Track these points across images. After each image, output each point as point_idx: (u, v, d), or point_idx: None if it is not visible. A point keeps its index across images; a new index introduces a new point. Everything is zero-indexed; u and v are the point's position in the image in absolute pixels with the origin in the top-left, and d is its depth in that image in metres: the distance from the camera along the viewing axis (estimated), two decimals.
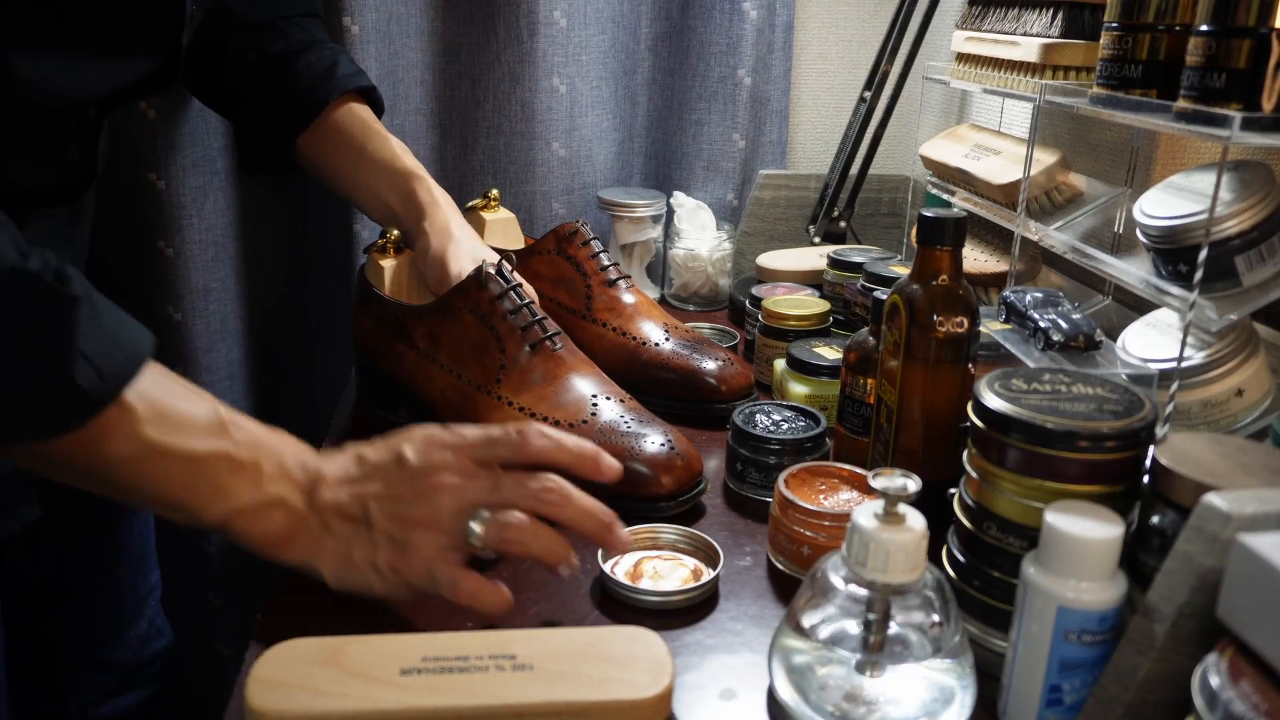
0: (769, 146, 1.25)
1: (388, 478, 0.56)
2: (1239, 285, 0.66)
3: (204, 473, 0.53)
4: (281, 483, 0.55)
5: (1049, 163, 0.89)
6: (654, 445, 0.70)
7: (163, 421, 0.52)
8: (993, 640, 0.54)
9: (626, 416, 0.72)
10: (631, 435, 0.70)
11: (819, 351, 0.84)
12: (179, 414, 0.53)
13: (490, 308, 0.74)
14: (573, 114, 1.16)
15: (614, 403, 0.74)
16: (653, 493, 0.69)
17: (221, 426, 0.54)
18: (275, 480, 0.55)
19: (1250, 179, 0.67)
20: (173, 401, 0.53)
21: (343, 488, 0.56)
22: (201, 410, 0.54)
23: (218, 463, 0.53)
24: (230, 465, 0.54)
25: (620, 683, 0.48)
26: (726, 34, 1.17)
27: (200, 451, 0.53)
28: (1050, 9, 0.86)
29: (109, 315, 0.51)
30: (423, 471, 0.56)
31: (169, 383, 0.54)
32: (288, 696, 0.46)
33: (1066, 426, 0.49)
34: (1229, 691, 0.38)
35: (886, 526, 0.48)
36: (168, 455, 0.52)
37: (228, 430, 0.54)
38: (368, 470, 0.57)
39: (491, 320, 0.74)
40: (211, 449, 0.53)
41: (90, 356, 0.49)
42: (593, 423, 0.71)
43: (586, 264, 0.90)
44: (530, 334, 0.74)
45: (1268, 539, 0.38)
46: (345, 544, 0.56)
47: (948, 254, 0.63)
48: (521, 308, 0.75)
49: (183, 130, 0.98)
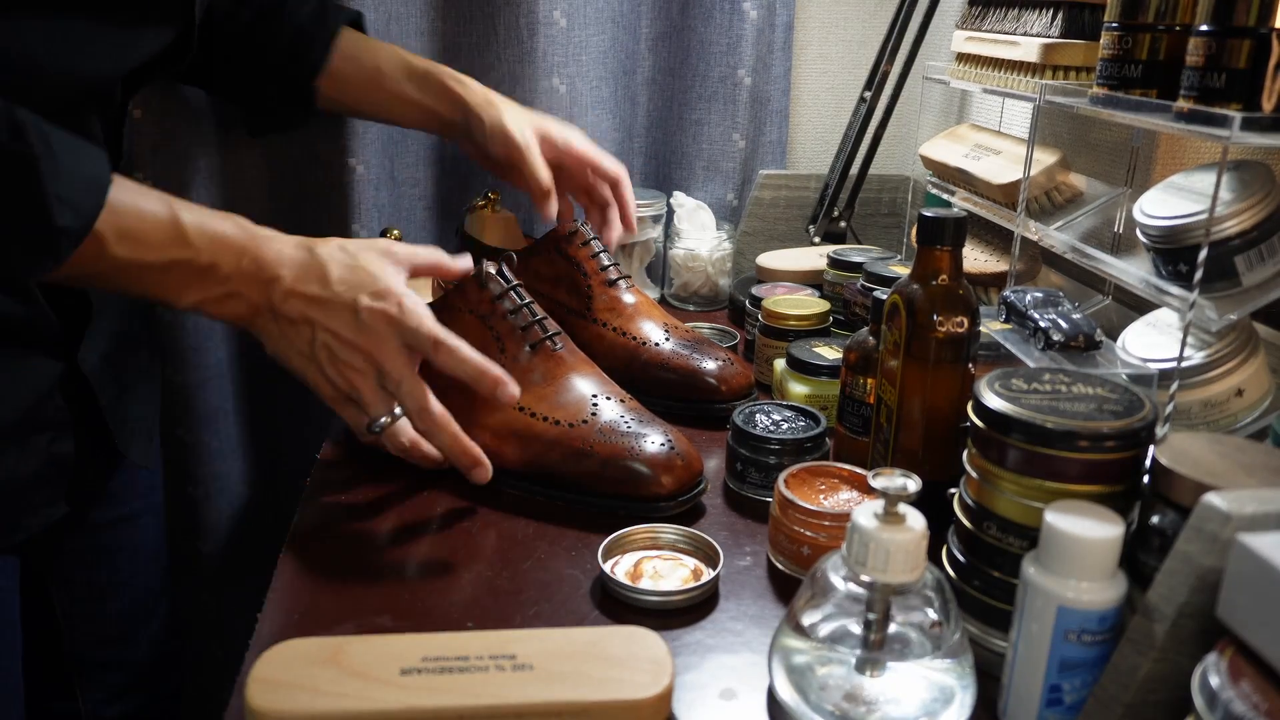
0: (769, 146, 1.25)
1: (336, 319, 0.65)
2: (1239, 285, 0.66)
3: (169, 276, 0.62)
4: (238, 279, 0.64)
5: (1049, 163, 0.89)
6: (654, 445, 0.70)
7: (128, 241, 0.59)
8: (993, 640, 0.54)
9: (627, 416, 0.72)
10: (631, 435, 0.71)
11: (819, 351, 0.84)
12: (140, 231, 0.60)
13: (490, 308, 0.75)
14: (573, 114, 1.16)
15: (614, 402, 0.74)
16: (653, 493, 0.69)
17: (182, 237, 0.62)
18: (233, 277, 0.64)
19: (1250, 179, 0.67)
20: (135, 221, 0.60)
21: (295, 300, 0.65)
22: (162, 223, 0.61)
23: (180, 268, 0.62)
24: (191, 269, 0.62)
25: (620, 683, 0.48)
26: (726, 34, 1.17)
27: (163, 261, 0.61)
28: (1050, 9, 0.86)
29: (66, 153, 0.56)
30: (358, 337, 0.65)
31: (130, 198, 0.60)
32: (288, 696, 0.46)
33: (1066, 426, 0.49)
34: (1229, 691, 0.38)
35: (886, 526, 0.48)
36: (136, 267, 0.60)
37: (188, 239, 0.62)
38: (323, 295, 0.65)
39: (491, 320, 0.75)
40: (173, 258, 0.62)
41: (64, 198, 0.55)
42: (593, 422, 0.71)
43: (586, 264, 0.89)
44: (530, 334, 0.75)
45: (1268, 539, 0.38)
46: (287, 340, 0.66)
47: (948, 254, 0.63)
48: (522, 307, 0.76)
49: (167, 129, 0.98)
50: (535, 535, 0.68)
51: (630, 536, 0.65)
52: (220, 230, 0.63)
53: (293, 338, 0.66)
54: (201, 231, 0.62)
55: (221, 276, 0.63)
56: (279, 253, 0.65)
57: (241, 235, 0.64)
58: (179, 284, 0.63)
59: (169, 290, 0.63)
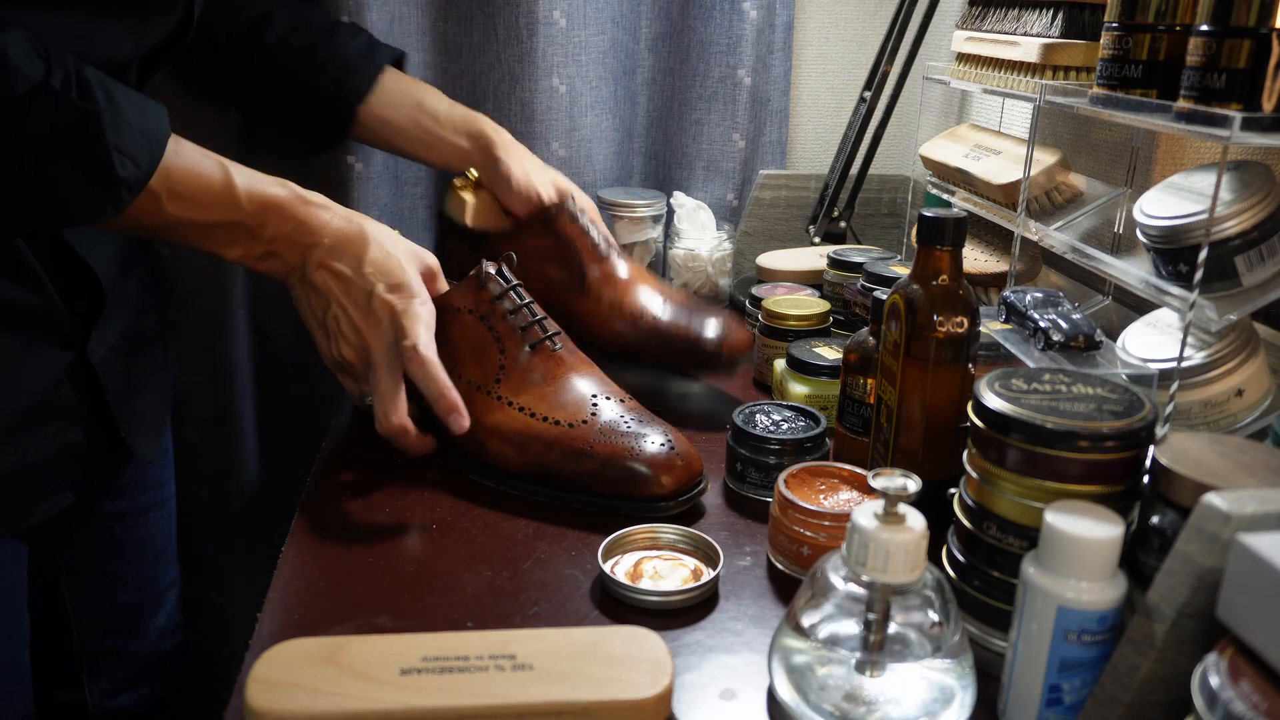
0: (769, 146, 1.25)
1: (351, 298, 0.71)
2: (1239, 285, 0.66)
3: (216, 232, 0.68)
4: (280, 242, 0.70)
5: (1049, 163, 0.89)
6: (654, 445, 0.70)
7: (181, 200, 0.64)
8: (993, 640, 0.54)
9: (626, 416, 0.72)
10: (631, 435, 0.71)
11: (819, 351, 0.84)
12: (196, 192, 0.65)
13: (490, 308, 0.75)
14: (572, 114, 1.16)
15: (614, 402, 0.74)
16: (653, 493, 0.69)
17: (233, 199, 0.67)
18: (276, 239, 0.70)
19: (1250, 179, 0.67)
20: (190, 181, 0.65)
21: (322, 272, 0.71)
22: (215, 186, 0.66)
23: (228, 228, 0.68)
24: (238, 228, 0.68)
25: (620, 683, 0.48)
26: (726, 34, 1.17)
27: (214, 221, 0.67)
28: (1050, 9, 0.86)
29: (129, 107, 0.61)
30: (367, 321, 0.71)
31: (187, 159, 0.65)
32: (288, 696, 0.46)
33: (1066, 426, 0.49)
34: (1229, 691, 0.38)
35: (886, 526, 0.48)
36: (188, 224, 0.66)
37: (238, 202, 0.67)
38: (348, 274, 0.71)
39: (491, 320, 0.75)
40: (223, 219, 0.67)
41: (125, 150, 0.60)
42: (592, 422, 0.71)
43: (577, 240, 0.89)
44: (530, 334, 0.75)
45: (1268, 539, 0.38)
46: (307, 302, 0.73)
47: (948, 254, 0.63)
48: (521, 307, 0.76)
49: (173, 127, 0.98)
50: (535, 535, 0.68)
51: (630, 536, 0.65)
52: (270, 194, 0.69)
53: (313, 303, 0.73)
54: (251, 195, 0.67)
55: (266, 237, 0.69)
56: (324, 223, 0.71)
57: (291, 201, 0.70)
58: (226, 240, 0.68)
59: (217, 245, 0.69)
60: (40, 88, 0.57)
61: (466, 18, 1.11)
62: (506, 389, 0.73)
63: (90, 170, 0.59)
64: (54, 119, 0.58)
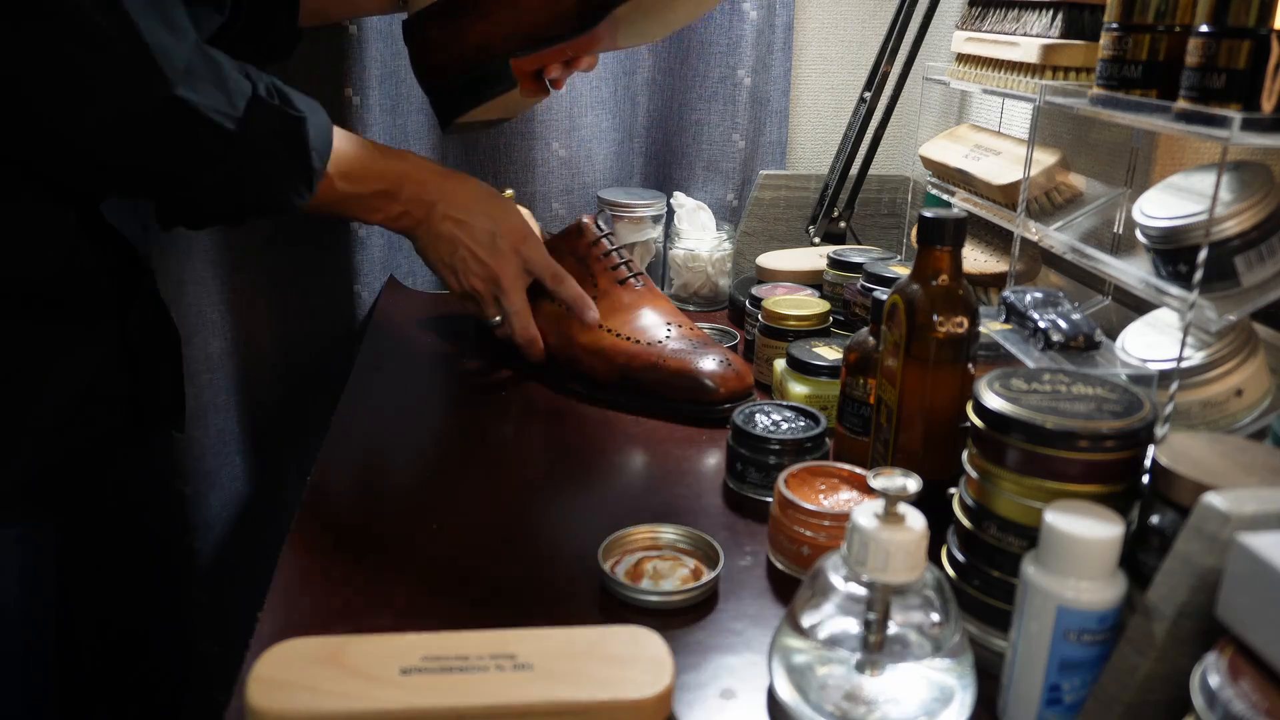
0: (769, 147, 1.25)
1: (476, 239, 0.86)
2: (1239, 285, 0.66)
3: (369, 202, 0.82)
4: (410, 203, 0.84)
5: (1049, 163, 0.89)
6: (714, 362, 0.86)
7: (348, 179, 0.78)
8: (993, 640, 0.54)
9: (693, 340, 0.90)
10: (696, 353, 0.87)
11: (819, 351, 0.84)
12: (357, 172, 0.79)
13: (586, 251, 0.94)
14: (572, 114, 1.16)
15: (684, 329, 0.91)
16: (712, 398, 0.85)
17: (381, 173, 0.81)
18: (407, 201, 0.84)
19: (1250, 179, 0.67)
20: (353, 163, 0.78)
21: (448, 222, 0.85)
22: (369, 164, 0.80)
23: (377, 197, 0.82)
24: (384, 196, 0.82)
25: (620, 683, 0.48)
26: (726, 34, 1.17)
27: (369, 192, 0.81)
28: (1050, 10, 0.86)
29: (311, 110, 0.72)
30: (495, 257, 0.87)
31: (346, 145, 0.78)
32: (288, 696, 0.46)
33: (1066, 426, 0.49)
34: (1228, 691, 0.38)
35: (886, 526, 0.48)
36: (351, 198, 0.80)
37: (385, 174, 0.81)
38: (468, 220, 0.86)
39: (588, 261, 0.93)
40: (375, 189, 0.81)
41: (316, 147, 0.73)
42: (666, 343, 0.89)
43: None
44: (618, 273, 0.94)
45: (1267, 539, 0.38)
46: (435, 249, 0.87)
47: (948, 254, 0.63)
48: (610, 252, 0.94)
49: None
50: (535, 535, 0.68)
51: (630, 536, 0.65)
52: (402, 168, 0.83)
53: (440, 249, 0.86)
54: (390, 167, 0.82)
55: (402, 200, 0.83)
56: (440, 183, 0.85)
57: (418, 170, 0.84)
58: (374, 207, 0.82)
59: (367, 211, 0.83)
60: (255, 100, 0.67)
61: None
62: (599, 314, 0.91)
63: (295, 165, 0.72)
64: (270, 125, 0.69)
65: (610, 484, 0.76)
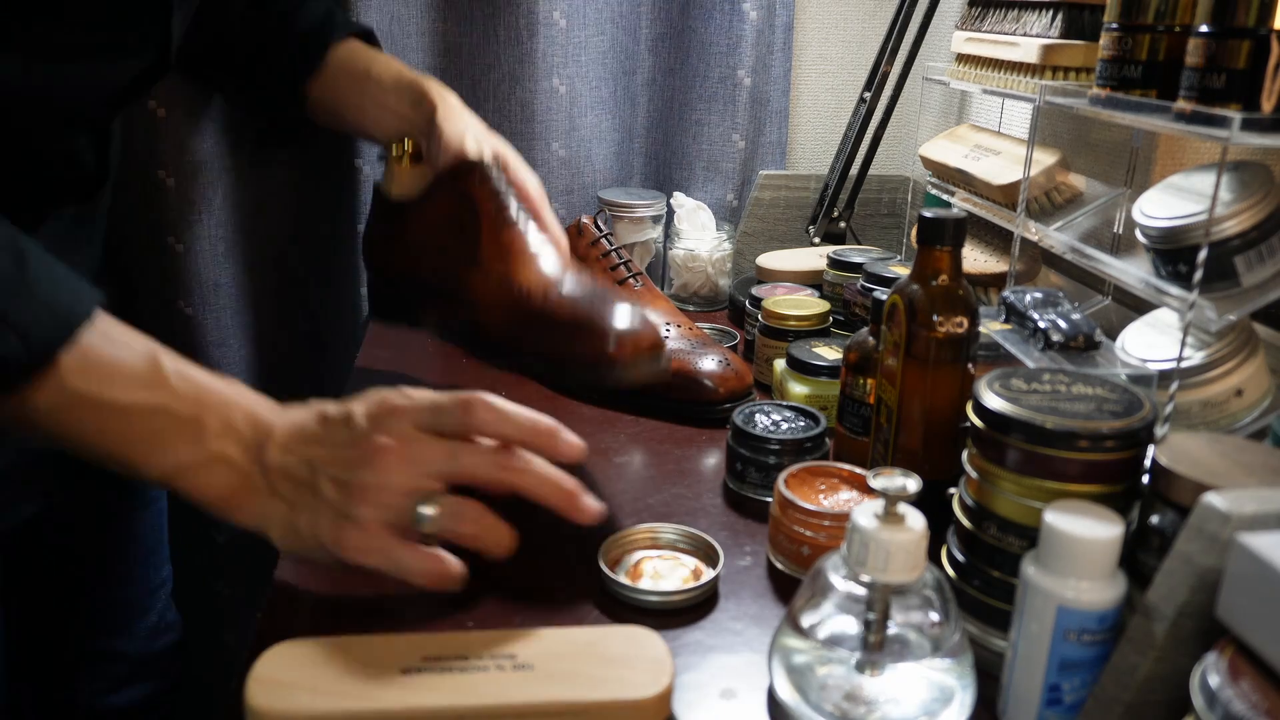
0: (769, 147, 1.25)
1: (336, 440, 0.54)
2: (1238, 285, 0.66)
3: (137, 425, 0.51)
4: (225, 439, 0.53)
5: (1049, 163, 0.89)
6: (713, 363, 0.86)
7: (90, 372, 0.50)
8: (993, 640, 0.54)
9: (692, 340, 0.89)
10: (696, 354, 0.86)
11: (819, 351, 0.84)
12: (110, 364, 0.51)
13: (586, 250, 0.92)
14: (572, 114, 1.16)
15: (682, 329, 0.90)
16: (712, 398, 0.84)
17: (160, 378, 0.52)
18: (219, 436, 0.52)
19: (1250, 179, 0.67)
20: (107, 352, 0.51)
21: (291, 448, 0.54)
22: (138, 361, 0.52)
23: (153, 416, 0.51)
24: (168, 419, 0.51)
25: (620, 683, 0.48)
26: (726, 34, 1.17)
27: (130, 403, 0.51)
28: (1050, 10, 0.86)
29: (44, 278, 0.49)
30: (370, 435, 0.53)
31: (109, 332, 0.51)
32: (288, 696, 0.46)
33: (1066, 426, 0.49)
34: (1228, 691, 0.38)
35: (886, 526, 0.48)
36: (95, 406, 0.50)
37: (167, 382, 0.52)
38: (319, 431, 0.54)
39: (586, 261, 0.91)
40: (144, 401, 0.51)
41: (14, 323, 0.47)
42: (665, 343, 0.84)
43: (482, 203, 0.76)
44: (616, 273, 0.92)
45: (1267, 539, 0.38)
46: (291, 510, 0.53)
47: (948, 254, 0.63)
48: (610, 252, 0.93)
49: (191, 128, 0.98)
50: (535, 535, 0.68)
51: (630, 536, 0.65)
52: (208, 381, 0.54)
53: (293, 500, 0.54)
54: (184, 376, 0.53)
55: (204, 434, 0.52)
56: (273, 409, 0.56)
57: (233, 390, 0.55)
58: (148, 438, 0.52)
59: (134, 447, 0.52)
60: None
61: (466, 18, 1.11)
62: None
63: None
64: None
65: (610, 484, 0.76)
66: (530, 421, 0.56)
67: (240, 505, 0.54)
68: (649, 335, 0.68)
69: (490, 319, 0.70)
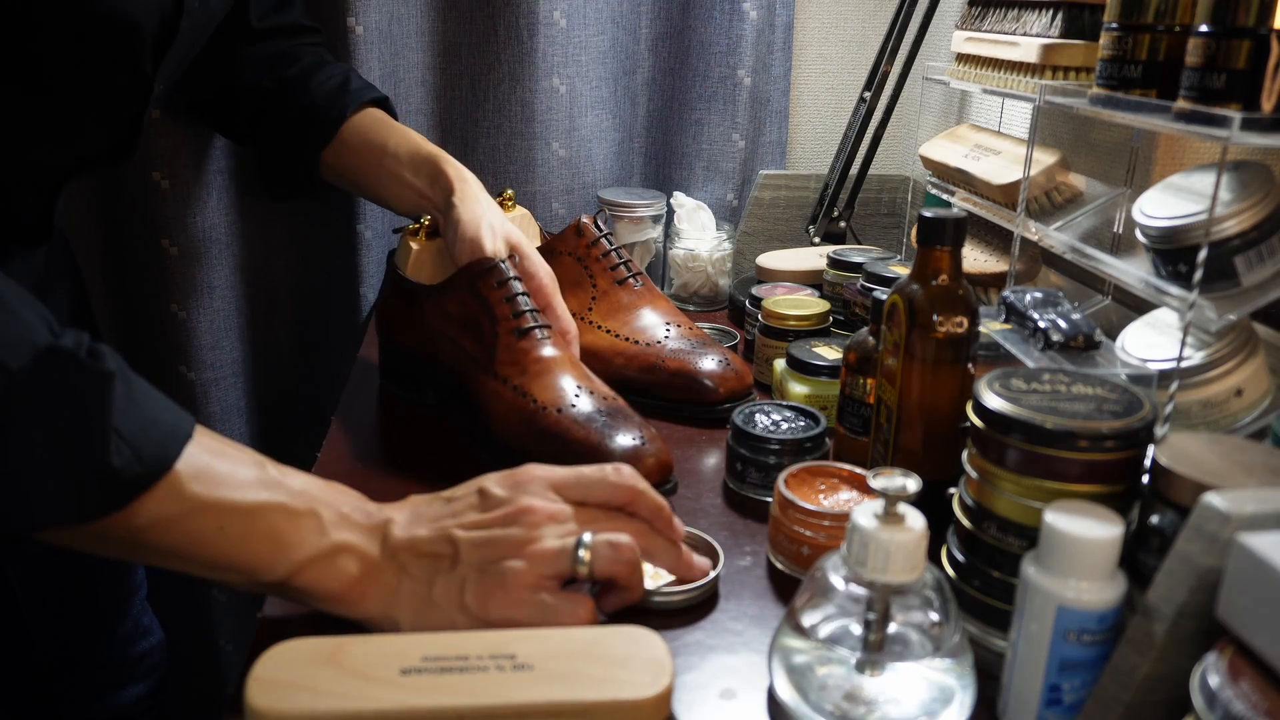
0: (769, 146, 1.25)
1: (473, 508, 0.55)
2: (1238, 285, 0.66)
3: (258, 525, 0.51)
4: (346, 528, 0.53)
5: (1049, 163, 0.89)
6: (713, 362, 0.86)
7: (207, 478, 0.49)
8: (993, 640, 0.54)
9: (691, 339, 0.89)
10: (695, 353, 0.87)
11: (819, 351, 0.84)
12: (223, 469, 0.50)
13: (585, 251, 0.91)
14: (572, 114, 1.16)
15: (682, 329, 0.90)
16: (711, 399, 0.85)
17: (272, 480, 0.52)
18: (339, 526, 0.53)
19: (1250, 179, 0.67)
20: (217, 461, 0.51)
21: (419, 525, 0.55)
22: (248, 464, 0.52)
23: (272, 513, 0.51)
24: (287, 516, 0.51)
25: (620, 683, 0.48)
26: (726, 34, 1.17)
27: (251, 502, 0.50)
28: (1050, 9, 0.86)
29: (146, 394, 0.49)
30: (514, 499, 0.55)
31: (215, 444, 0.51)
32: (288, 696, 0.46)
33: (1066, 426, 0.49)
34: (1228, 691, 0.38)
35: (886, 526, 0.48)
36: (215, 509, 0.49)
37: (280, 482, 0.52)
38: (445, 508, 0.55)
39: (586, 261, 0.91)
40: (263, 500, 0.51)
41: (126, 435, 0.47)
42: (665, 343, 0.88)
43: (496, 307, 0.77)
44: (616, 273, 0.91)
45: (1267, 539, 0.38)
46: (424, 584, 0.53)
47: (948, 254, 0.63)
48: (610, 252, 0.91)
49: (185, 130, 0.99)
50: None
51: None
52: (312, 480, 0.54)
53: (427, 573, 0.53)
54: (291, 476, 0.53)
55: (324, 526, 0.52)
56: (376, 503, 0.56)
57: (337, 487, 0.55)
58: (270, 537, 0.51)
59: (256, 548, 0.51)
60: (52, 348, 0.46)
61: (466, 18, 1.11)
62: (597, 315, 0.90)
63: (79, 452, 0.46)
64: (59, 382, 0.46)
65: None
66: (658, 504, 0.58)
67: (365, 593, 0.53)
68: (656, 459, 0.71)
69: (504, 430, 0.74)
